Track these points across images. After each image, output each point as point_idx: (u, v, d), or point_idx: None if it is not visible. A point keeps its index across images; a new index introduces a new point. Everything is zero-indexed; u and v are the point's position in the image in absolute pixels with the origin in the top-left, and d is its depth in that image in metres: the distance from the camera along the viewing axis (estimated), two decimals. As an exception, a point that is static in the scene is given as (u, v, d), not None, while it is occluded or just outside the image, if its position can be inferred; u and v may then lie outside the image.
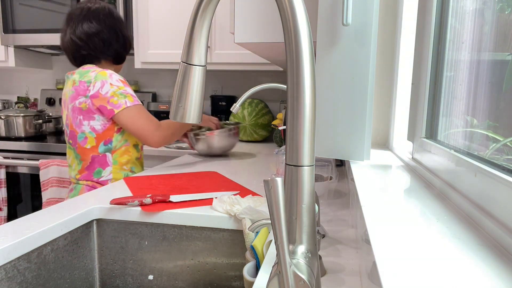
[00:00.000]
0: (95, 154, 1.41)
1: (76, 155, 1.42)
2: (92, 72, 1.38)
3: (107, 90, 1.36)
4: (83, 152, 1.41)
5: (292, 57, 0.39)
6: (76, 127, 1.39)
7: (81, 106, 1.37)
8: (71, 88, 1.40)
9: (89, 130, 1.39)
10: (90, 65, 1.43)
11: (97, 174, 1.42)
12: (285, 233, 0.38)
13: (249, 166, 1.60)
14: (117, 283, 1.02)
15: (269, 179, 0.37)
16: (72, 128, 1.41)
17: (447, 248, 0.39)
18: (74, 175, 1.45)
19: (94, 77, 1.37)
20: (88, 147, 1.40)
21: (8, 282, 0.76)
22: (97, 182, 1.42)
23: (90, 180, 1.42)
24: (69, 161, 1.47)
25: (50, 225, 0.85)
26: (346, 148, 0.79)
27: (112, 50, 1.46)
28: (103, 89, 1.36)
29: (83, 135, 1.39)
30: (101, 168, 1.42)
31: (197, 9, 0.45)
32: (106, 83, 1.36)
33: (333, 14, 0.78)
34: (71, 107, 1.39)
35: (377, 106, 1.16)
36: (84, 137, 1.39)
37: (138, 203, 0.98)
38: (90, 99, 1.36)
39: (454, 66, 0.76)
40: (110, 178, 1.44)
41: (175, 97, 0.47)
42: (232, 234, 0.94)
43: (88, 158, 1.41)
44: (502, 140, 0.57)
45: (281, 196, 0.37)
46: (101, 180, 1.42)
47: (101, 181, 1.42)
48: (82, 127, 1.39)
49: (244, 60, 2.19)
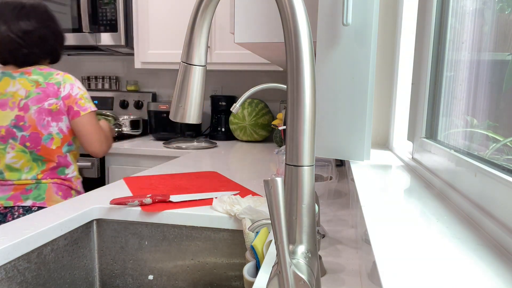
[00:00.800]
0: (59, 154, 1.43)
1: (37, 156, 1.40)
2: (57, 75, 1.41)
3: (77, 92, 1.41)
4: (48, 153, 1.40)
5: (292, 57, 0.39)
6: (42, 128, 1.38)
7: (51, 107, 1.37)
8: (35, 90, 1.37)
9: (56, 131, 1.40)
10: (42, 66, 1.44)
11: (61, 172, 1.45)
12: (285, 233, 0.38)
13: (249, 166, 1.60)
14: (117, 283, 1.02)
15: (269, 179, 0.37)
16: (36, 130, 1.37)
17: (447, 248, 0.39)
18: (32, 176, 1.41)
19: (62, 80, 1.40)
20: (53, 147, 1.41)
21: (8, 282, 0.76)
22: (64, 179, 1.45)
23: (55, 177, 1.43)
24: (19, 165, 1.39)
25: (50, 225, 0.85)
26: (346, 148, 0.79)
27: (49, 47, 1.45)
28: (73, 91, 1.40)
29: (50, 136, 1.39)
30: (65, 167, 1.45)
31: (197, 9, 0.45)
32: (74, 86, 1.41)
33: (333, 14, 0.78)
34: (37, 108, 1.37)
35: (377, 106, 1.16)
36: (51, 138, 1.40)
37: (138, 203, 0.98)
38: (62, 100, 1.38)
39: (454, 66, 0.76)
40: (74, 175, 1.48)
41: (175, 97, 0.47)
42: (232, 234, 0.94)
43: (54, 158, 1.42)
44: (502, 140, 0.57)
45: (281, 196, 0.37)
46: (68, 177, 1.46)
47: (68, 177, 1.46)
48: (50, 128, 1.39)
49: (244, 60, 2.19)
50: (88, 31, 2.27)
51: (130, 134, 2.39)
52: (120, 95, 2.67)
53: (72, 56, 2.83)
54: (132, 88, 2.71)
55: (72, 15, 2.29)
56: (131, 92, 2.68)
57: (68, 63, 2.84)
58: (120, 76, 2.80)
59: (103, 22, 2.26)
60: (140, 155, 2.07)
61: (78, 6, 2.26)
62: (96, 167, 2.09)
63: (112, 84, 2.75)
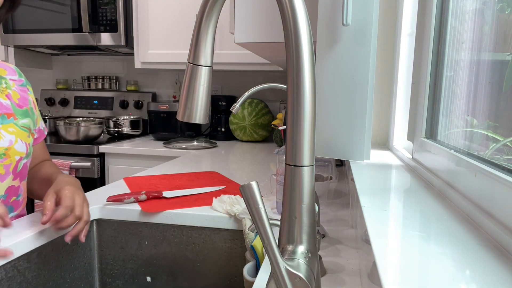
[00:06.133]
0: None
1: None
2: None
3: None
4: None
5: (292, 57, 0.39)
6: None
7: None
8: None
9: None
10: None
11: None
12: (271, 235, 0.38)
13: (249, 166, 1.60)
14: (117, 283, 1.02)
15: (244, 184, 0.38)
16: None
17: (447, 248, 0.39)
18: None
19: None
20: None
21: (8, 282, 0.76)
22: None
23: None
24: None
25: (50, 225, 0.85)
26: (346, 148, 0.79)
27: None
28: None
29: None
30: None
31: (203, 9, 0.45)
32: None
33: (333, 14, 0.78)
34: None
35: (377, 106, 1.16)
36: None
37: (134, 200, 1.00)
38: None
39: (454, 66, 0.76)
40: None
41: (182, 97, 0.47)
42: (232, 234, 0.94)
43: None
44: (502, 140, 0.57)
45: (259, 199, 0.38)
46: None
47: None
48: None
49: (244, 60, 2.19)
50: (88, 31, 2.26)
51: (130, 134, 2.39)
52: (120, 95, 2.67)
53: (72, 56, 2.83)
54: (132, 88, 2.71)
55: (72, 15, 2.29)
56: (131, 92, 2.68)
57: (68, 63, 2.84)
58: (120, 76, 2.80)
59: (103, 22, 2.26)
60: (140, 155, 2.07)
61: (78, 6, 2.26)
62: (96, 167, 2.09)
63: (112, 84, 2.75)
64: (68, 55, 2.81)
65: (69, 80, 2.85)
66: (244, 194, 0.38)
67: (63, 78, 2.84)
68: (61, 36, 2.32)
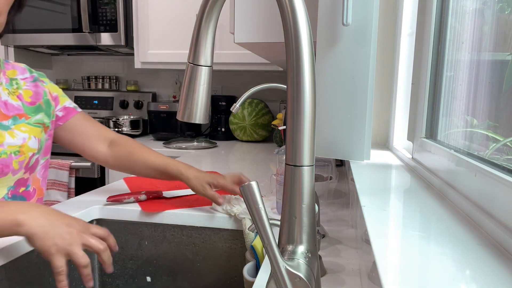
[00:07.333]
0: None
1: None
2: None
3: None
4: None
5: (292, 57, 0.39)
6: None
7: None
8: None
9: None
10: None
11: None
12: (271, 235, 0.38)
13: (249, 166, 1.60)
14: (117, 283, 1.02)
15: (244, 184, 0.38)
16: None
17: (447, 248, 0.39)
18: None
19: None
20: None
21: (8, 282, 0.76)
22: None
23: None
24: None
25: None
26: (346, 148, 0.79)
27: None
28: None
29: None
30: None
31: (203, 9, 0.45)
32: None
33: (333, 14, 0.78)
34: None
35: (377, 106, 1.16)
36: None
37: (134, 200, 1.00)
38: None
39: (454, 66, 0.76)
40: None
41: (182, 97, 0.47)
42: (232, 234, 0.94)
43: None
44: (502, 140, 0.57)
45: (259, 199, 0.38)
46: None
47: None
48: None
49: (244, 60, 2.19)
50: (88, 31, 2.26)
51: (130, 134, 2.38)
52: (120, 95, 2.67)
53: (72, 56, 2.83)
54: (132, 88, 2.71)
55: (72, 15, 2.29)
56: (131, 92, 2.68)
57: (68, 63, 2.84)
58: (120, 76, 2.79)
59: (103, 22, 2.26)
60: (140, 155, 2.07)
61: (78, 6, 2.26)
62: (96, 167, 2.08)
63: (112, 84, 2.75)
64: (68, 55, 2.80)
65: (69, 80, 2.85)
66: (244, 194, 0.38)
67: (63, 78, 2.84)
68: (61, 36, 2.32)
